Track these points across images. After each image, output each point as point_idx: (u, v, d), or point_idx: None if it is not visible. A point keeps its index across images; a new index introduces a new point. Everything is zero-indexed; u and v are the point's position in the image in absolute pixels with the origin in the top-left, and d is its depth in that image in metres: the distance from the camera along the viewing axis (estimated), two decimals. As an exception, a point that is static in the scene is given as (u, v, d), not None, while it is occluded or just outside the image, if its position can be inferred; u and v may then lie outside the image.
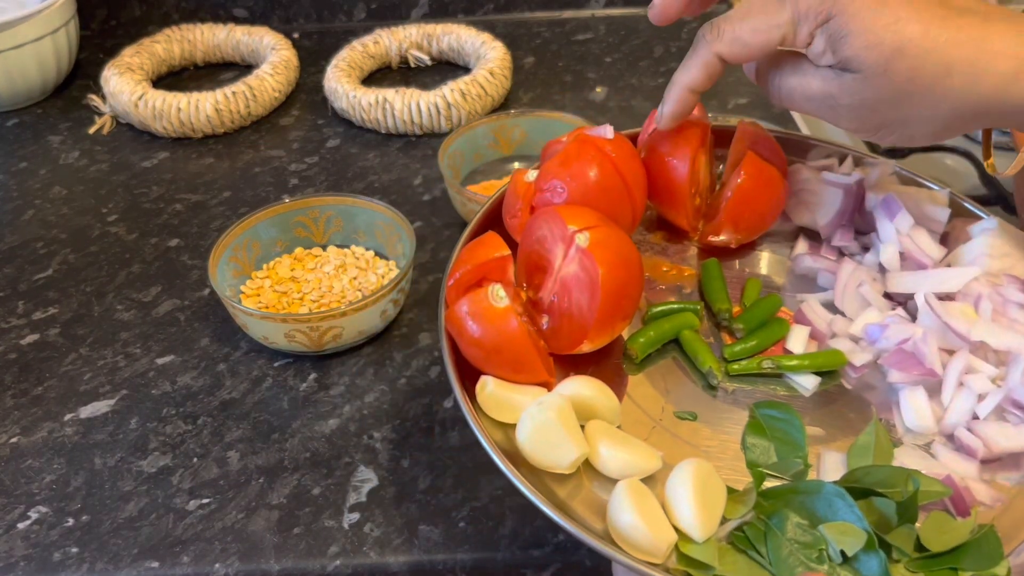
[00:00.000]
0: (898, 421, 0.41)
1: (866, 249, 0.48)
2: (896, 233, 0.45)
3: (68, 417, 0.56)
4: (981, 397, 0.40)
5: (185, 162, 0.80)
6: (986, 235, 0.45)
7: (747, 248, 0.49)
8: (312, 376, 0.58)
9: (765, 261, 0.49)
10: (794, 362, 0.43)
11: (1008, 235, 0.45)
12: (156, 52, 0.90)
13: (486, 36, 0.89)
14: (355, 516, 0.50)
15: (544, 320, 0.41)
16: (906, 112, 0.39)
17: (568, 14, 1.02)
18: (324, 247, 0.67)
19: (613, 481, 0.37)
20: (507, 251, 0.41)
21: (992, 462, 0.39)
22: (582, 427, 0.39)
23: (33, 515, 0.51)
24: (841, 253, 0.48)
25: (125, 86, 0.82)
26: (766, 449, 0.40)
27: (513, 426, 0.39)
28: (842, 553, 0.35)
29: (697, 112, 0.48)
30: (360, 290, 0.63)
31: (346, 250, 0.66)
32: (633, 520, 0.35)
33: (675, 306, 0.45)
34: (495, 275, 0.40)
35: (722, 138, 0.51)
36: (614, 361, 0.43)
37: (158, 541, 0.49)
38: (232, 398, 0.57)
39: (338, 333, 0.57)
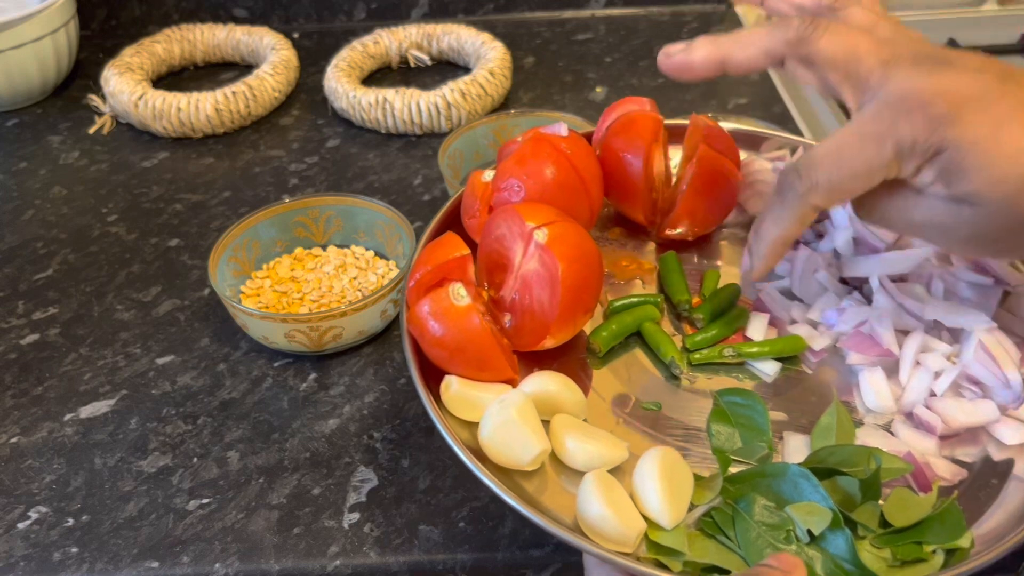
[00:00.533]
0: (858, 402, 0.42)
1: (821, 236, 0.48)
2: (849, 219, 0.46)
3: (68, 417, 0.56)
4: (937, 375, 0.41)
5: (185, 162, 0.80)
6: None
7: (705, 240, 0.49)
8: (312, 376, 0.58)
9: (723, 252, 0.49)
10: (754, 349, 0.43)
11: None
12: (156, 52, 0.90)
13: (486, 36, 0.89)
14: (355, 516, 0.50)
15: (507, 318, 0.42)
16: None
17: (568, 14, 1.02)
18: (324, 247, 0.67)
19: (581, 474, 0.37)
20: (467, 250, 0.41)
21: (951, 438, 0.40)
22: (547, 422, 0.39)
23: (33, 515, 0.50)
24: (796, 240, 0.48)
25: (125, 86, 0.82)
26: (731, 435, 0.41)
27: (478, 425, 0.39)
28: (809, 532, 0.35)
29: (649, 107, 0.48)
30: (360, 290, 0.62)
31: (346, 250, 0.66)
32: (602, 511, 0.35)
33: (636, 299, 0.45)
34: (456, 275, 0.40)
35: (676, 134, 0.51)
36: (578, 356, 0.44)
37: (158, 541, 0.49)
38: (232, 398, 0.57)
39: (338, 333, 0.57)
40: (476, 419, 0.39)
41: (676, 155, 0.53)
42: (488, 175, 0.46)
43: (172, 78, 0.93)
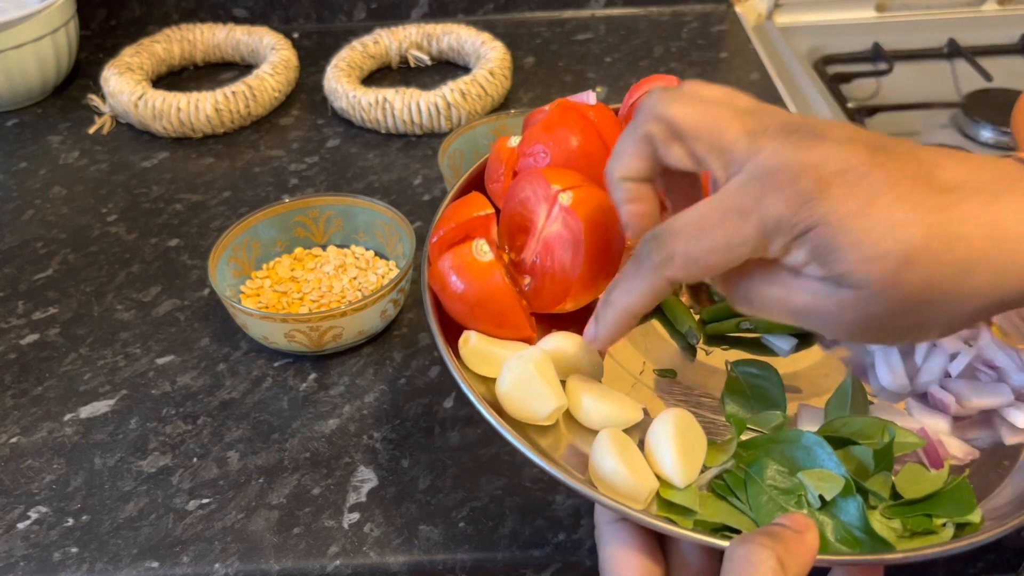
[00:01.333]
0: (873, 381, 0.42)
1: None
2: None
3: (68, 417, 0.56)
4: (953, 356, 0.41)
5: (185, 162, 0.80)
6: None
7: None
8: (312, 376, 0.58)
9: None
10: (771, 323, 0.43)
11: None
12: (156, 52, 0.90)
13: (486, 36, 0.89)
14: (355, 516, 0.50)
15: (526, 281, 0.41)
16: (924, 318, 0.32)
17: (568, 14, 1.02)
18: (324, 247, 0.67)
19: (594, 434, 0.38)
20: (491, 209, 0.41)
21: (964, 419, 0.40)
22: (564, 382, 0.39)
23: (33, 515, 0.50)
24: None
25: (125, 86, 0.82)
26: (745, 404, 0.41)
27: (495, 381, 0.39)
28: (820, 498, 0.35)
29: (676, 82, 0.48)
30: (360, 290, 0.62)
31: (346, 250, 0.66)
32: (615, 466, 0.35)
33: None
34: (479, 232, 0.40)
35: None
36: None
37: (158, 541, 0.49)
38: (232, 398, 0.57)
39: (338, 333, 0.57)
40: (492, 375, 0.39)
41: None
42: (514, 140, 0.45)
43: (172, 78, 0.93)
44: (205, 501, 0.51)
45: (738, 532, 0.35)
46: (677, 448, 0.36)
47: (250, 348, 0.61)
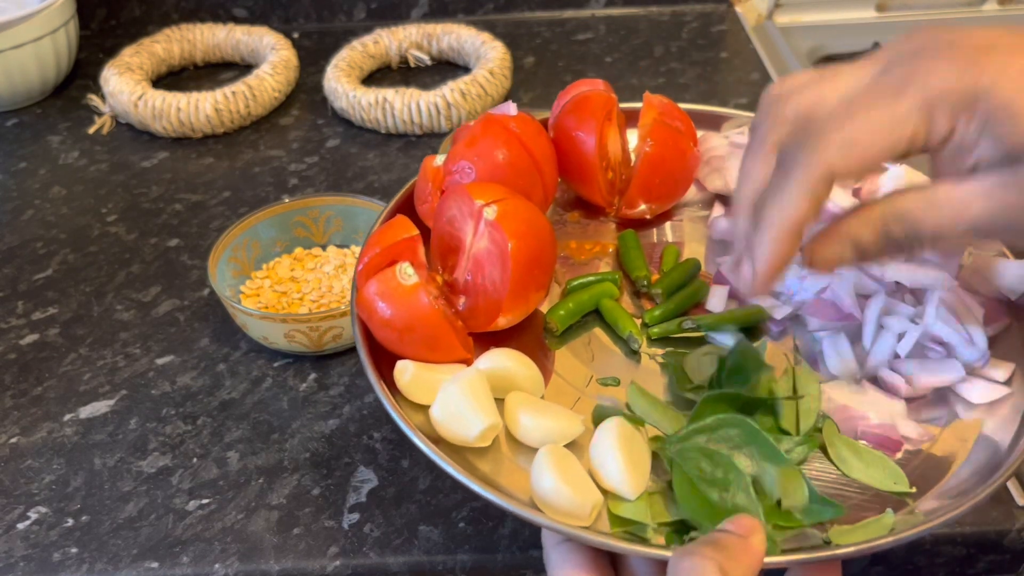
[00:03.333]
0: (823, 369, 0.41)
1: None
2: None
3: (68, 417, 0.56)
4: (901, 337, 0.40)
5: (185, 162, 0.80)
6: (893, 180, 0.45)
7: (664, 218, 0.49)
8: (312, 376, 0.58)
9: (683, 230, 0.48)
10: (714, 320, 0.42)
11: (915, 180, 0.45)
12: (156, 52, 0.90)
13: (486, 36, 0.89)
14: (355, 516, 0.50)
15: (461, 301, 0.41)
16: None
17: (568, 14, 1.02)
18: (324, 247, 0.67)
19: (536, 452, 0.36)
20: (415, 231, 0.40)
21: (918, 400, 0.39)
22: (502, 401, 0.39)
23: (33, 515, 0.50)
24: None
25: (125, 86, 0.82)
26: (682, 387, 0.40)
27: None
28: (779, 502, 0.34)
29: (601, 86, 0.47)
30: (360, 290, 0.62)
31: (346, 250, 0.66)
32: (555, 484, 0.34)
33: (593, 278, 0.45)
34: (404, 256, 0.40)
35: (634, 117, 0.50)
36: (536, 336, 0.43)
37: (158, 541, 0.49)
38: (232, 398, 0.57)
39: (338, 333, 0.57)
40: (432, 402, 0.39)
41: (635, 138, 0.51)
42: (439, 159, 0.45)
43: (172, 78, 0.93)
44: (205, 501, 0.51)
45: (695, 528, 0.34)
46: (623, 459, 0.35)
47: (250, 348, 0.61)
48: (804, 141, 0.30)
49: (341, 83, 0.83)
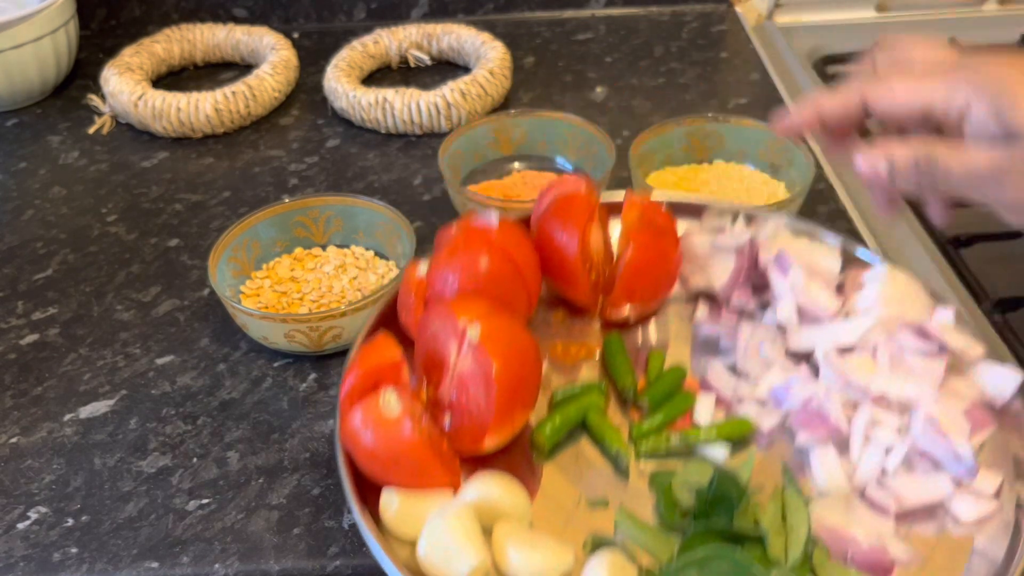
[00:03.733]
0: (812, 482, 0.41)
1: (766, 306, 0.47)
2: (791, 289, 0.45)
3: (68, 417, 0.56)
4: (888, 450, 0.40)
5: (185, 162, 0.80)
6: (877, 283, 0.45)
7: (649, 317, 0.48)
8: (312, 376, 0.58)
9: (668, 329, 0.48)
10: (701, 435, 0.42)
11: (898, 281, 0.45)
12: (156, 52, 0.90)
13: (486, 36, 0.89)
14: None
15: (447, 419, 0.40)
16: None
17: (568, 14, 1.02)
18: (324, 247, 0.67)
19: None
20: (399, 355, 0.40)
21: (908, 515, 0.39)
22: (490, 531, 0.38)
23: (33, 515, 0.50)
24: (742, 313, 0.47)
25: (125, 86, 0.82)
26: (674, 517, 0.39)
27: None
28: None
29: (584, 186, 0.47)
30: (360, 290, 0.62)
31: (346, 250, 0.66)
32: None
33: (579, 388, 0.44)
34: (389, 379, 0.39)
35: (616, 210, 0.49)
36: (524, 452, 0.42)
37: (158, 541, 0.49)
38: (232, 398, 0.57)
39: (338, 333, 0.57)
40: (418, 535, 0.38)
41: (617, 226, 0.50)
42: (422, 269, 0.45)
43: (172, 78, 0.93)
44: (205, 501, 0.51)
45: None
46: None
47: (250, 348, 0.61)
48: (865, 75, 0.43)
49: (341, 83, 0.83)
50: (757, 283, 0.47)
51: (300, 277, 0.64)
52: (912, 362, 0.41)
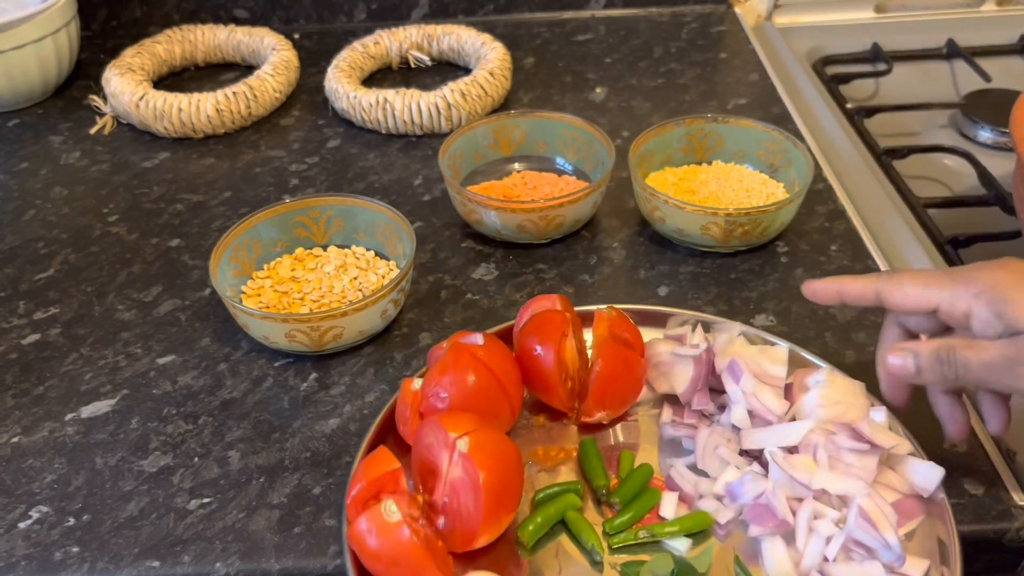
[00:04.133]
0: (763, 570, 0.46)
1: (724, 407, 0.52)
2: (743, 395, 0.50)
3: (69, 417, 0.56)
4: (829, 539, 0.45)
5: (186, 162, 0.80)
6: (819, 387, 0.50)
7: (621, 419, 0.54)
8: (313, 376, 0.59)
9: (638, 430, 0.53)
10: (666, 529, 0.47)
11: (837, 385, 0.50)
12: (157, 53, 0.90)
13: (486, 37, 0.89)
14: (355, 515, 0.50)
15: (440, 520, 0.45)
16: None
17: (568, 15, 1.02)
18: (325, 247, 0.67)
19: None
20: (397, 465, 0.45)
21: None
22: None
23: (34, 514, 0.51)
24: (703, 415, 0.53)
25: (126, 86, 0.82)
26: None
27: None
28: None
29: (560, 304, 0.53)
30: (360, 290, 0.63)
31: (347, 250, 0.66)
32: None
33: (558, 488, 0.49)
34: (389, 487, 0.45)
35: (590, 320, 0.55)
36: (509, 548, 0.47)
37: (159, 540, 0.49)
38: (233, 398, 0.57)
39: (339, 333, 0.57)
40: None
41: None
42: (416, 384, 0.50)
43: (173, 79, 0.93)
44: (206, 500, 0.51)
45: None
46: None
47: (251, 348, 0.61)
48: (887, 274, 0.49)
49: (342, 84, 0.83)
50: (716, 386, 0.53)
51: (301, 277, 0.64)
52: (848, 459, 0.46)
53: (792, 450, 0.48)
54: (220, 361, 0.60)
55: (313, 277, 0.64)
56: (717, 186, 0.71)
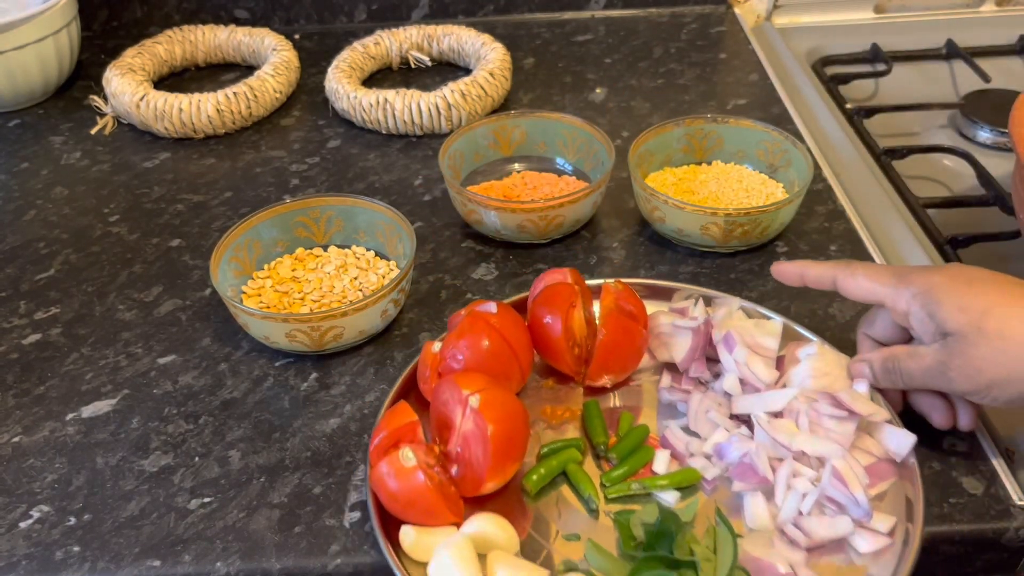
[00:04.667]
0: (744, 522, 0.49)
1: (719, 375, 0.56)
2: (735, 363, 0.54)
3: (70, 416, 0.57)
4: (805, 495, 0.49)
5: (186, 162, 0.80)
6: (809, 359, 0.53)
7: (624, 383, 0.58)
8: (313, 375, 0.59)
9: (639, 394, 0.57)
10: (657, 483, 0.51)
11: (827, 358, 0.53)
12: (157, 53, 0.90)
13: (486, 37, 0.89)
14: (356, 515, 0.50)
15: (454, 468, 0.50)
16: (1008, 369, 0.45)
17: (568, 15, 1.02)
18: (325, 247, 0.67)
19: None
20: (415, 417, 0.50)
21: (819, 548, 0.48)
22: (485, 556, 0.47)
23: (35, 514, 0.51)
24: (699, 382, 0.56)
25: (127, 87, 0.82)
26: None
27: None
28: None
29: (571, 277, 0.57)
30: (361, 290, 0.63)
31: (347, 250, 0.66)
32: None
33: (561, 444, 0.53)
34: (407, 437, 0.49)
35: (599, 293, 0.59)
36: (516, 495, 0.51)
37: (159, 540, 0.49)
38: (233, 397, 0.57)
39: (339, 333, 0.58)
40: (429, 559, 0.47)
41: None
42: (436, 346, 0.54)
43: (173, 79, 0.93)
44: (207, 500, 0.51)
45: None
46: None
47: (251, 348, 0.61)
48: (846, 263, 0.53)
49: (342, 84, 0.83)
50: (713, 356, 0.56)
51: (301, 277, 0.64)
52: (827, 425, 0.50)
53: (778, 415, 0.51)
54: (221, 361, 0.60)
55: (313, 277, 0.64)
56: (717, 186, 0.71)
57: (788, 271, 0.54)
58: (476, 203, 0.66)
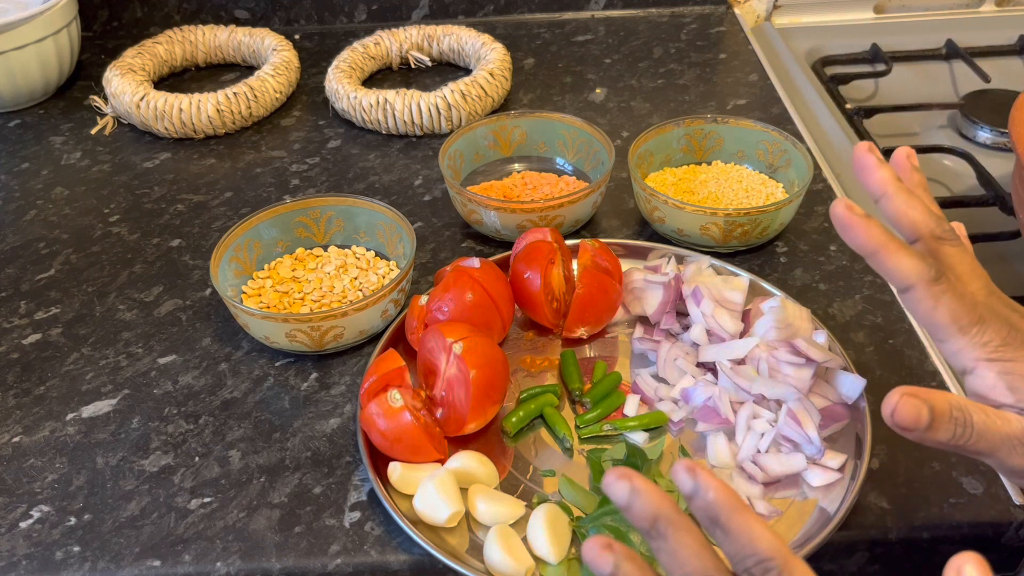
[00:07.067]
0: (707, 459, 0.53)
1: (688, 328, 0.59)
2: (702, 316, 0.57)
3: (70, 416, 0.57)
4: (763, 435, 0.53)
5: (187, 163, 0.80)
6: (772, 312, 0.56)
7: (599, 335, 0.62)
8: (313, 375, 0.59)
9: (613, 345, 0.61)
10: (627, 424, 0.55)
11: (789, 310, 0.56)
12: (158, 53, 0.90)
13: (486, 37, 0.90)
14: (356, 515, 0.50)
15: (439, 411, 0.53)
16: None
17: (568, 15, 1.02)
18: (325, 247, 0.67)
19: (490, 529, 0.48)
20: (402, 363, 0.53)
21: (774, 483, 0.51)
22: (466, 490, 0.50)
23: (35, 514, 0.51)
24: (669, 334, 0.60)
25: (127, 87, 0.82)
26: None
27: None
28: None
29: (551, 236, 0.60)
30: (361, 290, 0.63)
31: (347, 250, 0.66)
32: (500, 555, 0.46)
33: (539, 389, 0.57)
34: (395, 381, 0.52)
35: (576, 252, 0.63)
36: (496, 436, 0.55)
37: (160, 540, 0.49)
38: (233, 397, 0.57)
39: (339, 333, 0.58)
40: (415, 492, 0.50)
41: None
42: (423, 299, 0.58)
43: (174, 79, 0.93)
44: (207, 500, 0.51)
45: None
46: (549, 534, 0.47)
47: (251, 348, 0.61)
48: (933, 276, 0.42)
49: (342, 84, 0.83)
50: (682, 310, 0.60)
51: (301, 277, 0.64)
52: (786, 371, 0.53)
53: (740, 363, 0.55)
54: (221, 361, 0.60)
55: (314, 277, 0.64)
56: (716, 186, 0.71)
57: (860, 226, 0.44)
58: (476, 203, 0.66)
